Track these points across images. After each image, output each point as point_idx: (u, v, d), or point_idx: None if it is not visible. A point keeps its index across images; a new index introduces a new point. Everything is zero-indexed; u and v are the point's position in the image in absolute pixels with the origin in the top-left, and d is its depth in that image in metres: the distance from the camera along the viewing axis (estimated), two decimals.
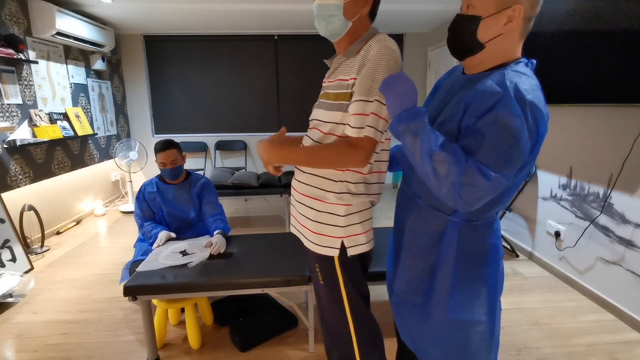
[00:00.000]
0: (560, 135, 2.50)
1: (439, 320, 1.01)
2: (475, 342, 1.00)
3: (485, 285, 0.99)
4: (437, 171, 0.83)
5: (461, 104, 0.88)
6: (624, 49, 1.90)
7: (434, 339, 1.04)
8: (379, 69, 0.96)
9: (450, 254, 0.97)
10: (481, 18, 0.86)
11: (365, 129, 0.97)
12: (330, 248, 1.08)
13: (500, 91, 0.80)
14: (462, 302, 0.98)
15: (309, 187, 1.10)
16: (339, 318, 1.15)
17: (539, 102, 0.81)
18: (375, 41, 0.98)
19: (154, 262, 1.74)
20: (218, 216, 2.11)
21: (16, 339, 1.92)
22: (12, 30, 3.00)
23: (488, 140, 0.80)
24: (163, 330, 1.86)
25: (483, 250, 0.98)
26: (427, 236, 1.02)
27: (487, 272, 0.99)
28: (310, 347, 1.81)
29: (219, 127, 5.07)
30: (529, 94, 0.80)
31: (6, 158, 2.89)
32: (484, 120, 0.81)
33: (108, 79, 4.56)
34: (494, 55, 0.89)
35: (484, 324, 1.00)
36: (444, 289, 0.99)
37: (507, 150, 0.79)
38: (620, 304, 2.06)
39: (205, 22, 4.28)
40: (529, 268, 2.68)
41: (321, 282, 1.15)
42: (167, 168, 2.04)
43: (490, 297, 1.00)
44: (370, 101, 0.96)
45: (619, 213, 2.05)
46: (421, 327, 1.06)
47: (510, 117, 0.78)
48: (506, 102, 0.79)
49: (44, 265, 2.80)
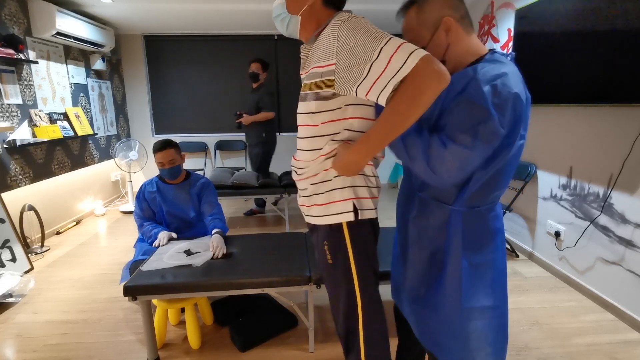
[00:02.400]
0: (560, 135, 2.50)
1: (454, 312, 1.00)
2: (493, 328, 1.01)
3: (495, 270, 1.00)
4: (410, 154, 0.92)
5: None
6: (624, 49, 1.90)
7: (451, 331, 1.03)
8: (352, 38, 0.89)
9: (457, 243, 0.98)
10: (425, 46, 0.95)
11: (408, 60, 0.83)
12: (341, 214, 1.05)
13: (470, 74, 0.87)
14: (476, 290, 0.98)
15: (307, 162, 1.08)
16: (347, 299, 1.12)
17: (509, 82, 0.85)
18: (334, 22, 0.95)
19: (158, 262, 1.74)
20: (216, 215, 2.11)
21: (16, 339, 1.92)
22: (12, 30, 3.00)
23: (456, 116, 0.87)
24: (163, 330, 1.86)
25: (489, 235, 1.00)
26: (433, 228, 1.03)
27: (496, 257, 1.00)
28: (310, 347, 1.81)
29: (219, 127, 5.07)
30: (498, 77, 0.85)
31: (6, 158, 2.89)
32: (457, 100, 0.88)
33: (108, 79, 4.56)
34: (459, 59, 0.96)
35: (499, 308, 1.01)
36: (455, 279, 0.99)
37: (474, 125, 0.84)
38: (620, 304, 2.06)
39: (205, 22, 4.28)
40: (529, 268, 2.68)
41: (329, 261, 1.11)
42: (165, 168, 2.04)
43: (501, 281, 1.01)
44: (378, 55, 0.86)
45: (619, 213, 2.05)
46: (437, 322, 1.05)
47: (477, 95, 0.84)
48: (475, 82, 0.85)
49: (44, 265, 2.80)
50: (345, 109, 1.00)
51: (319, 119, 1.01)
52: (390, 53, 0.84)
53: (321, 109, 1.00)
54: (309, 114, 1.03)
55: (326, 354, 1.78)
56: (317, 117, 1.01)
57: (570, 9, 2.22)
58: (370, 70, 0.87)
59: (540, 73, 2.50)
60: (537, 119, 2.71)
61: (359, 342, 1.14)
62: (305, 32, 1.06)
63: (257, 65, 3.68)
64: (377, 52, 0.86)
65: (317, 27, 1.03)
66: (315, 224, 1.12)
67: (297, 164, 1.13)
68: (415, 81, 0.83)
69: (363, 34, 0.89)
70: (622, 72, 1.92)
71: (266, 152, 3.84)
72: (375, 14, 3.96)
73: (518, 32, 2.72)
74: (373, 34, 0.88)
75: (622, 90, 1.93)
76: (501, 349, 1.04)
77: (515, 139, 0.88)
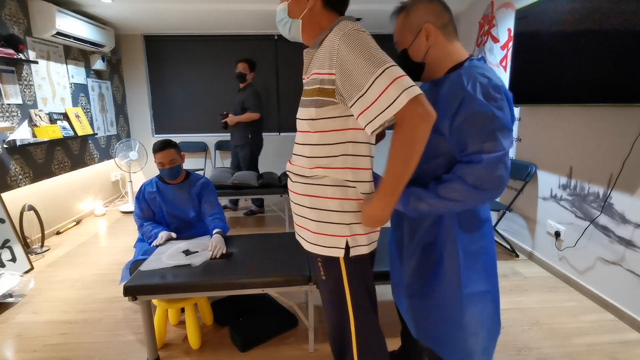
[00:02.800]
0: (560, 135, 2.50)
1: (453, 298, 1.07)
2: (488, 313, 1.09)
3: (487, 257, 1.09)
4: (454, 198, 0.97)
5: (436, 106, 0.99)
6: (624, 49, 1.90)
7: (450, 318, 1.08)
8: (351, 56, 0.90)
9: (453, 234, 1.05)
10: (407, 49, 1.08)
11: (398, 99, 0.85)
12: (332, 248, 1.04)
13: (461, 92, 0.96)
14: (472, 276, 1.06)
15: (306, 185, 1.06)
16: (340, 319, 1.11)
17: (494, 82, 0.97)
18: (336, 30, 0.94)
19: (157, 262, 1.74)
20: (217, 215, 2.10)
21: (16, 339, 1.92)
22: (12, 30, 3.00)
23: (468, 132, 0.95)
24: (163, 330, 1.86)
25: (480, 224, 1.08)
26: (427, 222, 1.09)
27: (486, 244, 1.09)
28: (310, 347, 1.81)
29: (219, 127, 5.04)
30: (485, 82, 0.96)
31: (6, 158, 2.89)
32: (457, 121, 0.96)
33: (108, 79, 4.56)
34: (438, 63, 1.06)
35: (492, 293, 1.10)
36: (453, 268, 1.06)
37: (490, 130, 0.94)
38: (620, 304, 2.06)
39: (205, 22, 4.28)
40: (529, 268, 2.68)
41: (323, 277, 1.11)
42: (165, 168, 2.04)
43: (493, 267, 1.11)
44: (370, 85, 0.87)
45: (619, 213, 2.05)
46: (436, 311, 1.11)
47: (478, 106, 0.94)
48: (470, 99, 0.95)
49: (44, 265, 2.80)
50: (347, 119, 0.98)
51: (319, 126, 1.00)
52: (383, 87, 0.86)
53: (321, 116, 0.99)
54: (308, 120, 1.01)
55: (326, 354, 1.78)
56: (317, 124, 1.00)
57: (570, 9, 2.22)
58: (360, 100, 0.90)
59: (540, 73, 2.50)
60: (537, 119, 2.71)
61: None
62: (307, 35, 1.05)
63: (244, 65, 3.64)
64: (370, 82, 0.87)
65: (319, 31, 1.03)
66: (306, 249, 1.11)
67: (292, 169, 1.10)
68: (404, 127, 0.87)
69: (361, 56, 0.88)
70: (622, 72, 1.92)
71: (252, 153, 3.82)
72: (376, 14, 3.96)
73: (518, 32, 2.72)
74: (370, 59, 0.87)
75: (622, 90, 1.93)
76: (495, 331, 1.12)
77: (513, 124, 0.99)
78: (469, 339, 1.08)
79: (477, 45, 3.59)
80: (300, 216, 1.11)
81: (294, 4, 1.02)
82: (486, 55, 3.41)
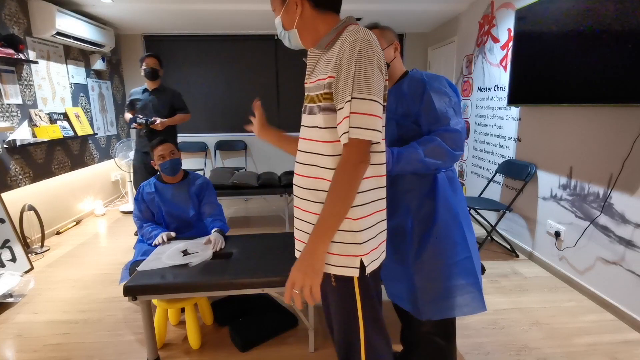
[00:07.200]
0: (560, 135, 2.50)
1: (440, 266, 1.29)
2: (470, 268, 1.31)
3: (465, 217, 1.37)
4: (436, 159, 1.25)
5: (403, 100, 1.35)
6: (624, 49, 1.90)
7: (432, 284, 1.29)
8: (352, 65, 0.88)
9: (446, 199, 1.30)
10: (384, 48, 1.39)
11: (348, 132, 0.88)
12: (341, 267, 0.97)
13: (422, 82, 1.32)
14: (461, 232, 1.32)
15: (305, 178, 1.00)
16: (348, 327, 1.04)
17: (439, 76, 1.36)
18: (348, 34, 0.91)
19: (156, 262, 1.74)
20: (217, 216, 2.11)
21: (16, 339, 1.92)
22: (12, 30, 3.00)
23: (434, 108, 1.27)
24: (163, 330, 1.86)
25: (458, 186, 1.36)
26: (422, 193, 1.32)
27: (464, 205, 1.39)
28: (310, 347, 1.81)
29: (219, 127, 5.07)
30: (434, 76, 1.34)
31: (6, 158, 2.89)
32: (425, 101, 1.29)
33: (108, 79, 4.56)
34: (394, 70, 1.41)
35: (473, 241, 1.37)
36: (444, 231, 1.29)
37: (452, 106, 1.29)
38: (620, 304, 2.06)
39: (205, 22, 4.28)
40: (529, 268, 2.68)
41: (333, 283, 1.02)
42: (167, 160, 2.05)
43: (470, 226, 1.38)
44: (347, 101, 0.88)
45: (619, 213, 2.05)
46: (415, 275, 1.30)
47: (437, 89, 1.30)
48: (430, 84, 1.30)
49: (44, 265, 2.80)
50: None
51: (327, 135, 0.94)
52: (345, 114, 0.88)
53: (329, 125, 0.94)
54: (313, 127, 0.97)
55: (326, 354, 1.78)
56: (326, 134, 0.94)
57: (570, 9, 2.22)
58: (338, 112, 0.91)
59: (540, 73, 2.50)
60: (537, 119, 2.71)
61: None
62: (306, 41, 1.02)
63: (155, 60, 3.15)
64: (345, 100, 0.89)
65: (318, 35, 1.00)
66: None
67: (297, 180, 1.04)
68: (346, 166, 0.90)
69: (356, 74, 0.88)
70: (622, 72, 1.92)
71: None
72: (376, 14, 3.96)
73: (518, 32, 2.72)
74: (358, 80, 0.88)
75: (622, 90, 1.92)
76: (474, 276, 1.33)
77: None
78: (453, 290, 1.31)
79: (477, 45, 3.59)
80: (301, 231, 1.04)
81: (285, 15, 1.00)
82: (486, 55, 3.41)
